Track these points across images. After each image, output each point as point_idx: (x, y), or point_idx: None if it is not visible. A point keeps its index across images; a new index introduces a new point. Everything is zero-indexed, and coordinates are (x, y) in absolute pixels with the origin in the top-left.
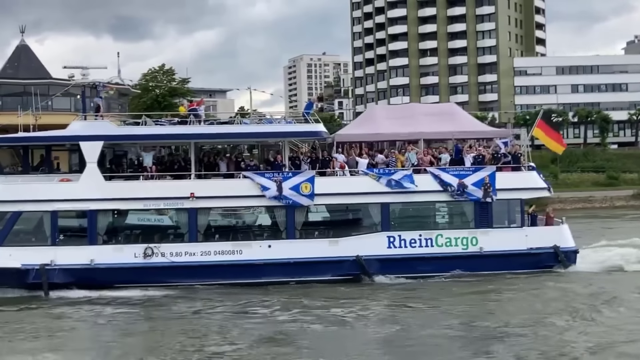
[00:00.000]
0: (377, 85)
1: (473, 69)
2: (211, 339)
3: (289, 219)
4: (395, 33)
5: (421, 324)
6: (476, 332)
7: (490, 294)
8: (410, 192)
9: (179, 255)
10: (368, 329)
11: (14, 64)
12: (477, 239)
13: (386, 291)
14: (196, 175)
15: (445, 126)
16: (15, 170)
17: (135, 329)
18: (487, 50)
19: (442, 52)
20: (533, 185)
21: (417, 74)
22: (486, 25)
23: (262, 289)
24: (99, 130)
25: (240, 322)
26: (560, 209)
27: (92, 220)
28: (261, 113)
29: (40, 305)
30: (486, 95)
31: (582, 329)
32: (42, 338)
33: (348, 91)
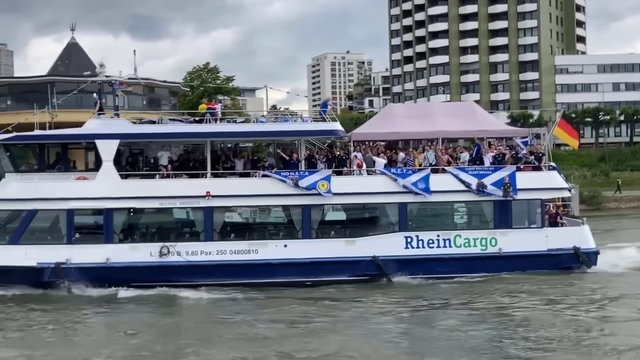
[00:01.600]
0: (417, 83)
1: (514, 67)
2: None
3: (305, 218)
4: (435, 30)
5: (435, 325)
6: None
7: (510, 295)
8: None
9: (195, 254)
10: (384, 330)
11: (65, 61)
12: (496, 239)
13: (403, 292)
14: (212, 174)
15: (464, 125)
16: (32, 168)
17: (144, 329)
18: (529, 47)
19: (483, 49)
20: (554, 185)
21: (457, 71)
22: (528, 23)
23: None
24: (115, 128)
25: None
26: (615, 208)
27: (108, 218)
28: (294, 112)
29: (54, 304)
30: (527, 93)
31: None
32: (55, 336)
33: (379, 89)
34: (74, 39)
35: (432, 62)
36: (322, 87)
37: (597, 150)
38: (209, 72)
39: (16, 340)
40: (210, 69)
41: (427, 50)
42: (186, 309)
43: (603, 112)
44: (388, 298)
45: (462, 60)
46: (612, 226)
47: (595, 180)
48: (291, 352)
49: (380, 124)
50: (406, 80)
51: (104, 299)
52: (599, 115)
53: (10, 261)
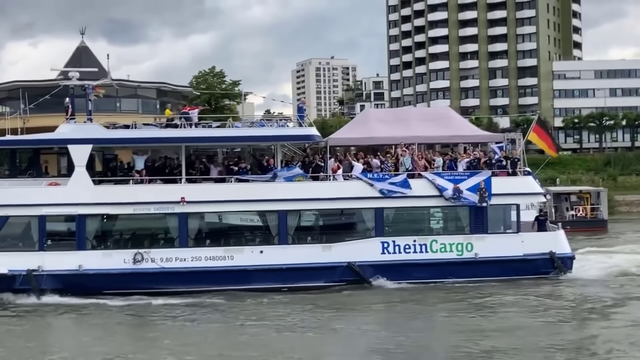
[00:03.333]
0: (416, 89)
1: (513, 72)
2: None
3: (281, 224)
4: (435, 36)
5: (415, 330)
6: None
7: (486, 300)
8: (405, 197)
9: (169, 260)
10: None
11: (76, 65)
12: (472, 244)
13: (379, 297)
14: (187, 180)
15: (440, 130)
16: (3, 173)
17: (112, 337)
18: (527, 53)
19: (482, 55)
20: (529, 190)
21: (457, 77)
22: (526, 29)
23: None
24: (87, 133)
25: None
26: (627, 212)
27: (81, 224)
28: (287, 116)
29: (26, 311)
30: (526, 98)
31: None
32: (24, 345)
33: (370, 94)
34: (83, 43)
35: (432, 68)
36: (307, 92)
37: (601, 155)
38: (214, 76)
39: None
40: (216, 73)
41: (427, 56)
42: (159, 317)
43: (607, 117)
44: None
45: (462, 65)
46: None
47: (604, 184)
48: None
49: (357, 128)
50: (405, 85)
51: (74, 307)
52: (603, 120)
53: None
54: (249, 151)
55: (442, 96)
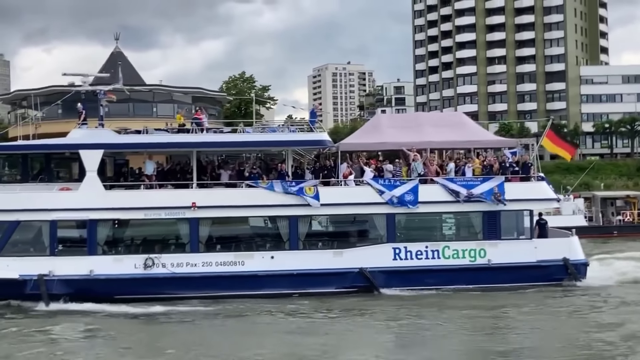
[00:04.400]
0: (443, 93)
1: (541, 77)
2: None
3: (292, 230)
4: (462, 41)
5: (423, 339)
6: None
7: (499, 308)
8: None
9: (180, 266)
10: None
11: (110, 70)
12: (485, 250)
13: (390, 304)
14: (198, 185)
15: (452, 135)
16: (14, 178)
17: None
18: (555, 58)
19: (510, 60)
20: (543, 195)
21: (484, 81)
22: (554, 34)
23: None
24: (99, 138)
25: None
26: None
27: (92, 230)
28: (301, 122)
29: (37, 317)
30: (554, 103)
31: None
32: (36, 351)
33: (391, 99)
34: (118, 48)
35: (460, 72)
36: (323, 97)
37: (634, 160)
38: (244, 82)
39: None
40: (246, 79)
41: (455, 60)
42: (171, 322)
43: (639, 122)
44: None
45: (489, 70)
46: None
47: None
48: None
49: (369, 134)
50: (431, 90)
51: (85, 312)
52: (635, 125)
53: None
54: (257, 156)
55: (470, 101)
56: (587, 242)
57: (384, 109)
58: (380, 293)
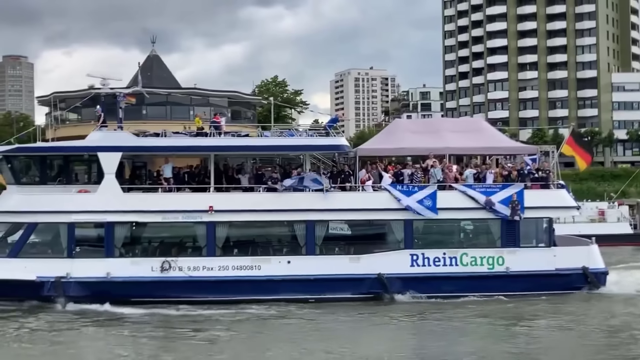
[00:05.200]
0: (473, 99)
1: (573, 84)
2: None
3: (309, 234)
4: (494, 47)
5: (441, 346)
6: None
7: (518, 316)
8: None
9: (197, 269)
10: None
11: (147, 73)
12: (503, 258)
13: (409, 311)
14: (215, 189)
15: (471, 141)
16: (33, 180)
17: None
18: (587, 65)
19: (541, 66)
20: (562, 203)
21: (515, 87)
22: (586, 40)
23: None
24: (117, 141)
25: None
26: None
27: (109, 232)
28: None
29: (54, 319)
30: (585, 110)
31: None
32: (52, 352)
33: (417, 105)
34: (154, 52)
35: (490, 78)
36: (345, 103)
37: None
38: (276, 86)
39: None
40: (278, 83)
41: (485, 66)
42: (187, 327)
43: None
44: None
45: (521, 76)
46: None
47: None
48: None
49: (387, 139)
50: (461, 95)
51: (103, 314)
52: None
53: (9, 274)
54: (276, 161)
55: (501, 107)
56: (632, 249)
57: (410, 115)
58: (395, 300)
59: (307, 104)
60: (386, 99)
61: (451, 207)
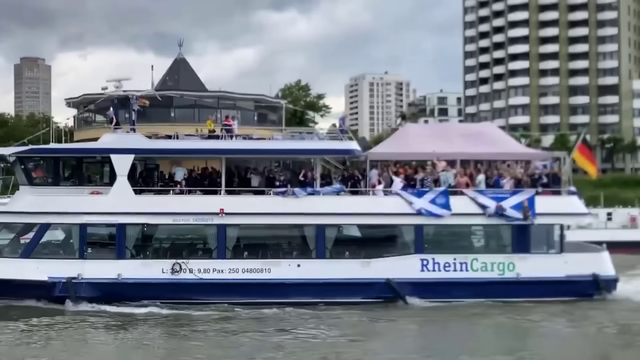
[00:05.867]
0: (493, 105)
1: (594, 90)
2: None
3: (319, 238)
4: (515, 52)
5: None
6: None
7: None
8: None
9: (207, 271)
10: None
11: (174, 76)
12: (514, 264)
13: (418, 316)
14: (226, 191)
15: (482, 147)
16: (46, 181)
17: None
18: (609, 72)
19: (563, 72)
20: (573, 210)
21: (536, 93)
22: (608, 47)
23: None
24: (130, 143)
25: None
26: None
27: (121, 234)
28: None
29: (65, 320)
30: (606, 117)
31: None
32: (62, 353)
33: (434, 110)
34: (181, 55)
35: (512, 84)
36: (359, 107)
37: None
38: (300, 89)
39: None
40: (301, 87)
41: (507, 72)
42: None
43: None
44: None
45: (542, 82)
46: None
47: None
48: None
49: (397, 144)
50: (481, 100)
51: (113, 315)
52: None
53: (21, 275)
54: (286, 164)
55: (522, 112)
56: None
57: (427, 120)
58: (407, 304)
59: (329, 107)
60: (400, 104)
61: (462, 213)
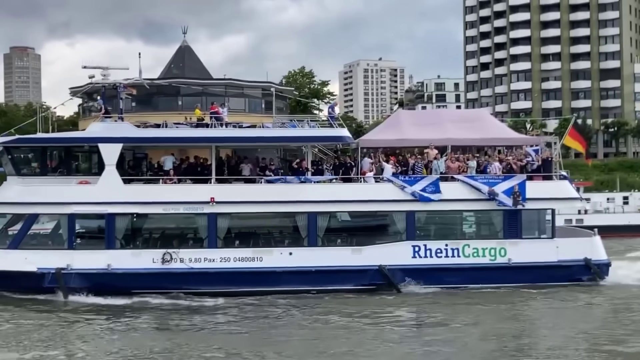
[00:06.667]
0: (495, 90)
1: (595, 75)
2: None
3: (311, 226)
4: (516, 37)
5: (444, 340)
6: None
7: (520, 308)
8: (437, 201)
9: (198, 261)
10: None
11: (179, 64)
12: (505, 249)
13: (409, 302)
14: (217, 180)
15: (473, 133)
16: (34, 171)
17: (148, 339)
18: (610, 55)
19: (564, 56)
20: (564, 195)
21: (538, 78)
22: (610, 31)
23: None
24: (118, 132)
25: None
26: None
27: (110, 223)
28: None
29: (54, 310)
30: (608, 101)
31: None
32: (53, 345)
33: (432, 96)
34: (185, 42)
35: (513, 69)
36: (354, 94)
37: None
38: (304, 77)
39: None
40: (305, 74)
41: (508, 57)
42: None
43: None
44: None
45: (544, 67)
46: None
47: None
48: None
49: (389, 130)
50: (482, 86)
51: (104, 306)
52: None
53: (10, 266)
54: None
55: (524, 98)
56: None
57: (424, 106)
58: (400, 291)
59: (334, 94)
60: (395, 91)
61: (453, 199)
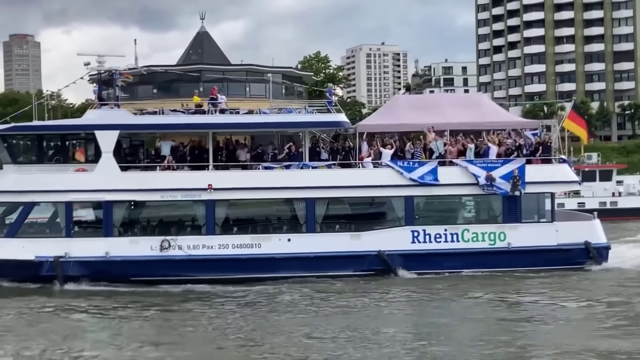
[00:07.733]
0: (508, 73)
1: (609, 57)
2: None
3: (309, 212)
4: (530, 20)
5: (447, 324)
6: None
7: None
8: (436, 185)
9: (196, 248)
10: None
11: (198, 50)
12: (505, 234)
13: (408, 288)
14: (214, 166)
15: (471, 116)
16: (30, 159)
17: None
18: (624, 37)
19: (578, 39)
20: (564, 178)
21: (552, 61)
22: (623, 13)
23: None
24: (115, 119)
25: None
26: None
27: (108, 211)
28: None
29: (53, 299)
30: (622, 83)
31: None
32: (52, 333)
33: (439, 80)
34: (203, 28)
35: (527, 52)
36: (357, 79)
37: None
38: (319, 62)
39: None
40: (320, 59)
41: (522, 40)
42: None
43: None
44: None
45: (557, 50)
46: None
47: None
48: None
49: (387, 115)
50: (495, 70)
51: (102, 294)
52: None
53: (7, 254)
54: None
55: (538, 80)
56: None
57: (432, 90)
58: (398, 276)
59: (351, 79)
60: (398, 75)
61: (452, 183)
